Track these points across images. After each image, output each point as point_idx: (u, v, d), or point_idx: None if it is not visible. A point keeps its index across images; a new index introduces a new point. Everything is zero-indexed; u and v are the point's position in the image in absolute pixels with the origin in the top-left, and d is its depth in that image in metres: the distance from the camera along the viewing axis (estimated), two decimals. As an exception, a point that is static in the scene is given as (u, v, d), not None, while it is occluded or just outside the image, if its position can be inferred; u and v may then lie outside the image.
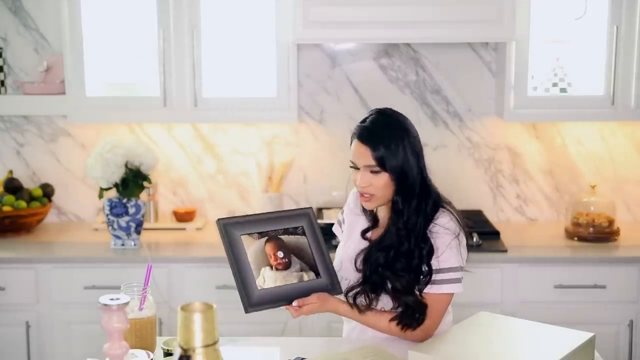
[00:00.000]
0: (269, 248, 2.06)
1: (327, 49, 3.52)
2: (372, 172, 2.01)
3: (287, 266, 2.05)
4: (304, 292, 2.03)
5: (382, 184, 2.01)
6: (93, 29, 3.33)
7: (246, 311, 1.98)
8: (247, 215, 2.10)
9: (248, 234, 2.05)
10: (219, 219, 2.04)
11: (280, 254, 2.05)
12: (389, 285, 2.01)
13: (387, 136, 1.99)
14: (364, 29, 3.15)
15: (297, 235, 2.11)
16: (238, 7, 3.31)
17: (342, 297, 2.10)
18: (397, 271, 2.00)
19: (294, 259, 2.07)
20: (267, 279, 2.02)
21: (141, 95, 3.37)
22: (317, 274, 2.08)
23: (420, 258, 2.00)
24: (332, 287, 2.08)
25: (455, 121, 3.56)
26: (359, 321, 2.07)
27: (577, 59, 3.33)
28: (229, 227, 2.04)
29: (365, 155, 2.01)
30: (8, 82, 3.50)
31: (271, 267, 2.03)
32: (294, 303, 2.01)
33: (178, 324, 1.32)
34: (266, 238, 2.06)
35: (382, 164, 1.99)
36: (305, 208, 2.18)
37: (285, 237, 2.09)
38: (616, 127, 3.54)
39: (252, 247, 2.04)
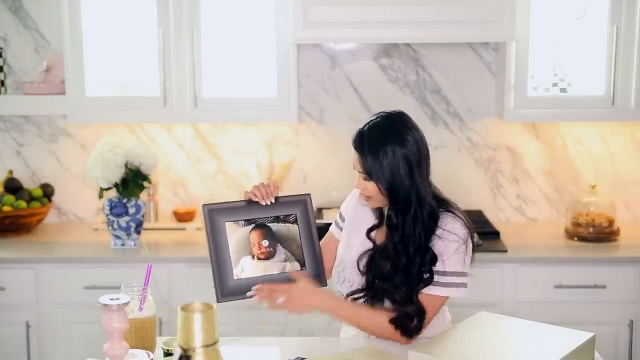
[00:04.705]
0: (253, 236, 2.02)
1: (327, 49, 3.52)
2: (364, 178, 2.00)
3: (269, 256, 2.01)
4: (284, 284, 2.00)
5: (375, 190, 1.99)
6: (93, 28, 3.33)
7: (218, 300, 1.96)
8: (237, 201, 2.05)
9: (234, 221, 2.01)
10: (204, 204, 2.02)
11: (265, 242, 2.02)
12: (390, 297, 1.99)
13: (377, 146, 1.95)
14: (364, 29, 3.15)
15: (289, 223, 2.06)
16: (238, 7, 3.31)
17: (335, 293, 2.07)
18: (397, 285, 1.97)
19: (279, 248, 2.03)
20: (246, 269, 1.99)
21: (141, 95, 3.37)
22: (303, 265, 2.05)
23: (421, 265, 1.96)
24: (317, 279, 2.05)
25: (455, 121, 3.56)
26: (344, 317, 2.00)
27: (577, 59, 3.33)
28: (214, 213, 2.00)
29: (357, 162, 2.00)
30: (8, 82, 3.50)
31: (253, 257, 2.01)
32: (255, 287, 1.94)
33: (178, 324, 1.32)
34: (252, 226, 2.03)
35: (368, 174, 1.97)
36: (302, 195, 2.12)
37: (274, 225, 2.04)
38: (616, 127, 3.54)
39: (235, 234, 2.00)
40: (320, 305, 1.99)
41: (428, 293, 1.98)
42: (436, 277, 1.98)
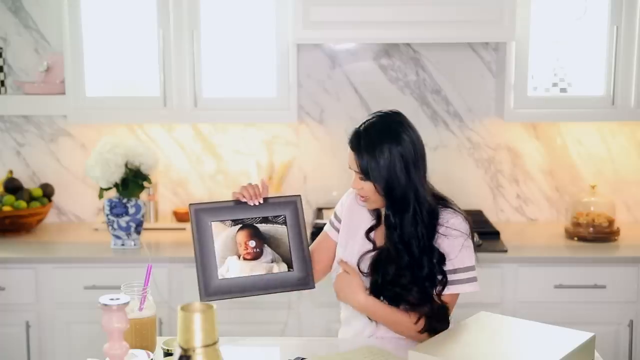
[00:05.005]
0: (240, 236, 2.02)
1: (327, 49, 3.52)
2: (360, 178, 2.00)
3: (256, 256, 2.01)
4: (270, 285, 2.00)
5: (372, 189, 1.99)
6: (93, 28, 3.33)
7: (201, 300, 1.96)
8: (225, 202, 2.06)
9: (220, 221, 2.02)
10: (191, 204, 2.02)
11: (252, 243, 2.02)
12: (404, 301, 1.99)
13: (373, 145, 1.95)
14: (364, 29, 3.15)
15: (277, 224, 2.06)
16: (238, 7, 3.31)
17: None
18: (405, 286, 1.97)
19: (266, 249, 2.03)
20: (231, 269, 1.99)
21: (141, 95, 3.37)
22: (291, 267, 2.05)
23: (431, 267, 1.97)
24: (305, 281, 2.05)
25: (455, 121, 3.56)
26: (379, 315, 2.01)
27: (577, 59, 3.33)
28: (200, 213, 2.01)
29: (353, 161, 2.00)
30: (8, 82, 3.50)
31: (238, 257, 2.01)
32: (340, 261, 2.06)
33: (178, 324, 1.32)
34: (240, 226, 2.03)
35: (365, 173, 1.97)
36: (292, 196, 2.11)
37: (262, 226, 2.04)
38: (616, 127, 3.54)
39: (222, 234, 2.00)
40: (361, 302, 2.00)
41: (446, 293, 1.99)
42: (448, 276, 1.98)
